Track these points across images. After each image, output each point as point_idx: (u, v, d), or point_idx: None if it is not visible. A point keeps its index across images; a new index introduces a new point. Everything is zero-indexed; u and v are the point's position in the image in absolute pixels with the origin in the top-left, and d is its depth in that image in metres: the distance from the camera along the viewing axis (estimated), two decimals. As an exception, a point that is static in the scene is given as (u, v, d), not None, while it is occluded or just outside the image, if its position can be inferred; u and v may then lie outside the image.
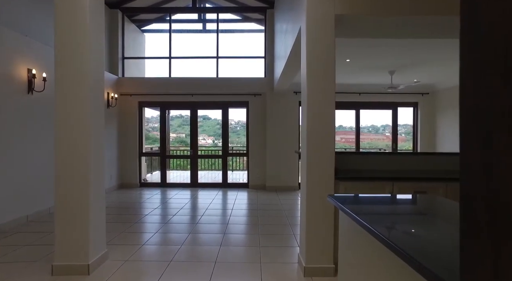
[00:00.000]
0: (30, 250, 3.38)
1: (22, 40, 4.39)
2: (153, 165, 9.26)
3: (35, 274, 2.79)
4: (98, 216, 2.94)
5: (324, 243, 2.81)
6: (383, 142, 9.77)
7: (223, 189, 7.53)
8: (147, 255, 3.31)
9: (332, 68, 2.85)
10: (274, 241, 3.77)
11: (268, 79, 7.43)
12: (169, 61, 7.72)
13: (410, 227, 1.41)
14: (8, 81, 4.17)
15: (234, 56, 7.90)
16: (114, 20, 7.44)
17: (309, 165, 2.83)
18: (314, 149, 2.83)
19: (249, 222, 4.70)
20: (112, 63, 7.45)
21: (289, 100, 7.44)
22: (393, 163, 3.41)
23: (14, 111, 4.26)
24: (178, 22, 8.23)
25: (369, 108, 8.01)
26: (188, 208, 5.51)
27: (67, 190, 2.77)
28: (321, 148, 2.83)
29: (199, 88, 7.37)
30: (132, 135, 7.58)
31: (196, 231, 4.17)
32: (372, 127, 9.94)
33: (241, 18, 8.35)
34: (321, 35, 2.84)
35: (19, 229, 4.11)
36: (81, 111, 2.78)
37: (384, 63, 5.36)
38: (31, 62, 4.51)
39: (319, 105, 2.84)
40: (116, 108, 7.27)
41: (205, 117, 13.14)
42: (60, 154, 2.78)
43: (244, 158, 10.14)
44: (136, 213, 5.10)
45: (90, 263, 2.77)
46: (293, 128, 7.46)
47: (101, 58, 3.03)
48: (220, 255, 3.29)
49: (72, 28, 2.77)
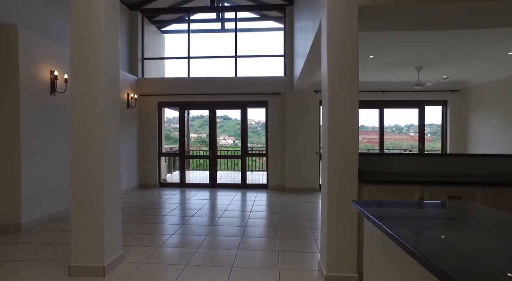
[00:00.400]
0: (51, 249, 3.42)
1: (45, 42, 4.49)
2: (173, 165, 9.34)
3: (53, 273, 2.80)
4: (113, 218, 2.91)
5: (346, 251, 2.63)
6: (407, 143, 9.36)
7: (242, 190, 7.44)
8: (163, 257, 3.25)
9: (355, 65, 2.67)
10: (293, 246, 3.61)
11: (288, 78, 7.27)
12: (188, 61, 7.73)
13: (447, 241, 1.22)
14: (32, 83, 4.27)
15: (252, 55, 7.79)
16: (134, 22, 7.54)
17: (331, 167, 2.66)
18: (336, 150, 2.66)
19: (268, 225, 4.56)
20: (132, 64, 7.55)
21: (309, 99, 7.24)
22: (421, 165, 3.16)
23: (38, 113, 4.36)
24: (196, 22, 8.23)
25: (394, 107, 7.64)
26: (206, 209, 5.46)
27: (82, 191, 2.76)
28: (343, 149, 2.66)
29: (218, 88, 7.32)
30: (152, 135, 7.65)
31: (213, 233, 4.08)
32: (396, 127, 9.55)
33: (259, 16, 8.24)
34: (343, 29, 2.67)
35: (42, 227, 4.20)
36: (95, 111, 2.76)
37: (410, 58, 5.05)
38: (53, 63, 4.61)
39: (341, 104, 2.67)
40: (136, 108, 7.36)
41: (225, 117, 13.17)
42: (75, 155, 2.78)
43: (263, 158, 10.02)
44: (154, 214, 5.10)
45: (106, 265, 2.74)
46: (313, 128, 7.25)
47: (116, 59, 3.01)
48: (237, 259, 3.18)
49: (87, 29, 2.76)
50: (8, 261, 3.10)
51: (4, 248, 3.45)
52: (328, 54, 2.70)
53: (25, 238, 3.81)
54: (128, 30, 7.43)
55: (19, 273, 2.83)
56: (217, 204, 5.98)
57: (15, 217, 4.07)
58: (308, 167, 7.22)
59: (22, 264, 3.02)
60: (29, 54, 4.22)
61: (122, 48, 7.18)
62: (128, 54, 7.47)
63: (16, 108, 4.06)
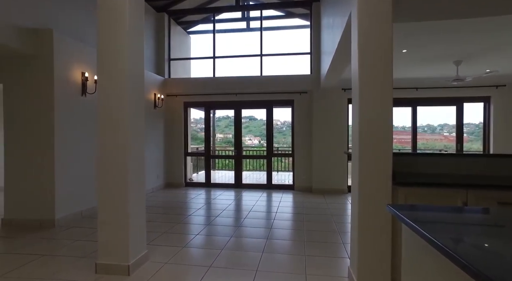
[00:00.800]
0: (81, 245, 3.50)
1: (77, 45, 4.65)
2: (199, 165, 9.43)
3: (81, 270, 2.85)
4: (138, 217, 2.91)
5: (379, 257, 2.44)
6: (441, 143, 8.81)
7: (268, 190, 7.33)
8: (187, 258, 3.22)
9: (389, 59, 2.47)
10: (321, 250, 3.44)
11: (315, 76, 7.06)
12: (213, 61, 7.75)
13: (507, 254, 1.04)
14: (65, 85, 4.44)
15: (278, 54, 7.66)
16: (160, 23, 7.69)
17: (362, 168, 2.48)
18: (367, 150, 2.48)
19: (294, 227, 4.42)
20: (159, 65, 7.70)
21: (337, 98, 6.99)
22: (463, 166, 2.88)
23: (70, 113, 4.52)
24: (222, 21, 8.24)
25: (428, 104, 7.17)
26: (231, 210, 5.40)
27: (107, 190, 2.79)
28: (376, 149, 2.46)
29: (243, 87, 7.27)
30: (178, 135, 7.75)
31: (238, 234, 4.01)
32: (428, 126, 9.01)
33: (284, 14, 8.09)
34: (376, 20, 2.47)
35: (74, 224, 4.35)
36: (120, 111, 2.78)
37: (448, 52, 4.67)
38: (84, 65, 4.77)
39: (373, 102, 2.48)
40: (162, 108, 7.48)
41: (251, 117, 13.17)
42: (101, 155, 2.81)
43: (289, 158, 9.86)
44: (179, 213, 5.12)
45: (130, 264, 2.74)
46: (341, 127, 7.00)
47: (140, 60, 3.02)
48: (262, 263, 3.07)
49: (113, 31, 2.78)
50: (43, 255, 3.22)
51: (40, 243, 3.60)
52: (359, 49, 2.52)
53: (58, 233, 3.95)
54: (155, 31, 7.58)
55: (51, 267, 2.91)
56: (242, 204, 5.92)
57: (50, 214, 4.24)
58: (335, 167, 6.98)
59: (54, 259, 3.12)
60: (62, 57, 4.38)
61: (149, 49, 7.34)
62: (155, 55, 7.63)
63: (50, 109, 4.23)
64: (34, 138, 4.27)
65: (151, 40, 7.39)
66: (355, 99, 2.65)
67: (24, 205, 4.29)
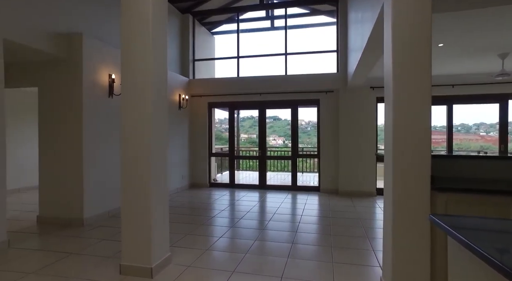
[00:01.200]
0: (107, 245, 3.55)
1: (105, 48, 4.75)
2: (223, 165, 9.43)
3: (106, 270, 2.86)
4: (160, 220, 2.88)
5: (416, 269, 2.23)
6: (477, 143, 8.25)
7: (292, 192, 7.17)
8: (210, 261, 3.15)
9: (427, 53, 2.26)
10: (349, 257, 3.25)
11: (341, 75, 6.81)
12: (237, 60, 7.70)
13: None
14: (93, 87, 4.55)
15: (303, 52, 7.46)
16: (185, 24, 7.75)
17: (397, 171, 2.28)
18: (402, 152, 2.28)
19: (320, 231, 4.24)
20: (183, 65, 7.78)
21: (365, 96, 6.70)
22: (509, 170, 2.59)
23: (98, 115, 4.62)
24: (246, 21, 8.18)
25: (466, 102, 6.66)
26: (256, 212, 5.31)
27: (130, 191, 2.78)
28: (412, 151, 2.26)
29: (267, 86, 7.16)
30: (202, 136, 7.77)
31: (262, 238, 3.90)
32: (462, 126, 8.43)
33: (309, 11, 7.88)
34: (413, 10, 2.27)
35: (101, 223, 4.44)
36: (143, 112, 2.76)
37: (492, 44, 4.28)
38: (111, 67, 4.87)
39: (409, 100, 2.28)
40: (187, 109, 7.54)
41: (275, 117, 13.05)
42: (124, 155, 2.81)
43: (314, 159, 9.63)
44: (203, 214, 5.09)
45: (153, 267, 2.71)
46: (369, 127, 6.69)
47: (164, 61, 2.99)
48: (287, 269, 2.94)
49: (137, 33, 2.77)
50: (71, 253, 3.29)
51: (69, 241, 3.69)
52: (393, 42, 2.32)
53: (86, 232, 4.04)
54: (179, 33, 7.66)
55: (78, 266, 2.96)
56: (266, 206, 5.80)
57: (78, 213, 4.36)
58: (363, 169, 6.68)
59: (81, 258, 3.17)
60: (91, 60, 4.49)
61: (174, 50, 7.43)
62: (180, 56, 7.70)
63: (79, 111, 4.35)
64: (64, 139, 4.41)
65: (175, 41, 7.47)
66: (388, 98, 2.45)
67: (55, 204, 4.44)
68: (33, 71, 4.55)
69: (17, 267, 2.95)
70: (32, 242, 3.69)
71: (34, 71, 4.55)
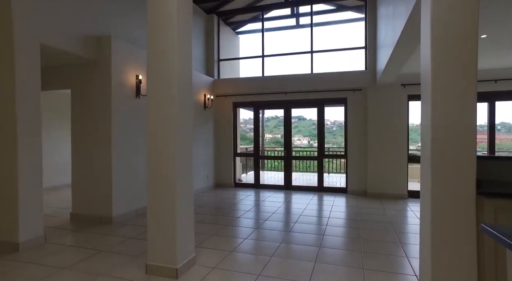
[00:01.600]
0: (134, 243, 3.61)
1: (132, 49, 4.86)
2: (248, 165, 9.40)
3: (132, 269, 2.89)
4: (185, 220, 2.86)
5: None
6: (517, 144, 7.60)
7: (318, 193, 6.99)
8: (235, 263, 3.09)
9: (473, 44, 2.04)
10: (381, 264, 3.07)
11: (370, 72, 6.54)
12: (262, 60, 7.63)
13: None
14: (121, 88, 4.66)
15: (330, 49, 7.25)
16: (210, 25, 7.79)
17: (436, 174, 2.09)
18: (443, 153, 2.08)
19: (348, 234, 4.06)
20: (208, 66, 7.82)
21: (395, 94, 6.38)
22: None
23: (126, 115, 4.73)
24: (271, 19, 8.08)
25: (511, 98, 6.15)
26: (281, 213, 5.20)
27: (155, 191, 2.79)
28: (453, 152, 2.06)
29: (293, 85, 7.02)
30: (227, 136, 7.78)
31: (288, 240, 3.79)
32: (502, 125, 7.80)
33: (335, 7, 7.63)
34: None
35: (129, 222, 4.54)
36: (169, 112, 2.76)
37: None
38: (139, 68, 4.96)
39: (449, 97, 2.08)
40: (212, 109, 7.57)
41: (300, 117, 12.88)
42: (150, 155, 2.82)
43: (341, 160, 9.36)
44: (228, 215, 5.07)
45: (178, 267, 2.70)
46: (400, 126, 6.36)
47: (189, 61, 2.98)
48: (314, 274, 2.82)
49: (162, 34, 2.78)
50: (100, 251, 3.37)
51: (98, 238, 3.80)
52: (433, 35, 2.13)
53: (115, 230, 4.14)
54: (204, 33, 7.72)
55: (106, 264, 3.01)
56: (292, 207, 5.68)
57: (108, 211, 4.48)
58: (394, 170, 6.37)
59: (109, 256, 3.23)
60: (119, 61, 4.60)
61: (199, 51, 7.48)
62: (205, 56, 7.76)
63: (108, 111, 4.47)
64: (94, 139, 4.55)
65: (200, 41, 7.53)
66: (425, 95, 2.26)
67: (87, 202, 4.60)
68: (66, 73, 4.74)
69: (52, 262, 3.07)
70: (65, 238, 3.83)
71: (67, 74, 4.73)
